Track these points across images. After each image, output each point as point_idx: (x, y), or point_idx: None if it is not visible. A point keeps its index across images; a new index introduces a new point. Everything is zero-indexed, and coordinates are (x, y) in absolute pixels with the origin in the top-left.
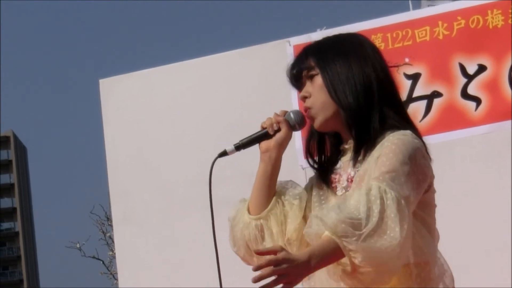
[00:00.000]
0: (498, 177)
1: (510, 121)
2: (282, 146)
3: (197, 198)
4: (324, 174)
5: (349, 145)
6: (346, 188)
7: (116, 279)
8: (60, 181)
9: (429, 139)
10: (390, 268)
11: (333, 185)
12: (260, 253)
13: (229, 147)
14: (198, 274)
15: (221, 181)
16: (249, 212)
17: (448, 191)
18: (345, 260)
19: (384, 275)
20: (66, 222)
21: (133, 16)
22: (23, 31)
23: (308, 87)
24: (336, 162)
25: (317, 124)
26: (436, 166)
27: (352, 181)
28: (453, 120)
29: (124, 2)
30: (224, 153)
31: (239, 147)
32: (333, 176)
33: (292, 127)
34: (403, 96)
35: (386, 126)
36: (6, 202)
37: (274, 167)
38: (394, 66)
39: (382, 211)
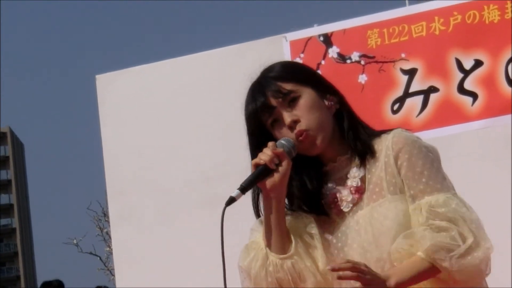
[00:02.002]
0: (496, 172)
1: (509, 115)
2: (286, 178)
3: (195, 195)
4: (315, 205)
5: (338, 162)
6: (352, 202)
7: (113, 275)
8: (57, 177)
9: (425, 134)
10: (483, 273)
11: (333, 205)
12: (335, 269)
13: (235, 192)
14: (195, 271)
15: (220, 178)
16: (271, 251)
17: None
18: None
19: (476, 279)
20: (63, 218)
21: (129, 12)
22: (19, 28)
23: (292, 111)
24: (322, 186)
25: (318, 144)
26: None
27: (356, 191)
28: (449, 115)
29: None
30: (232, 200)
31: (244, 189)
32: (329, 199)
33: (289, 156)
34: (400, 91)
35: (368, 129)
36: (3, 199)
37: (282, 201)
38: (390, 62)
39: (472, 229)
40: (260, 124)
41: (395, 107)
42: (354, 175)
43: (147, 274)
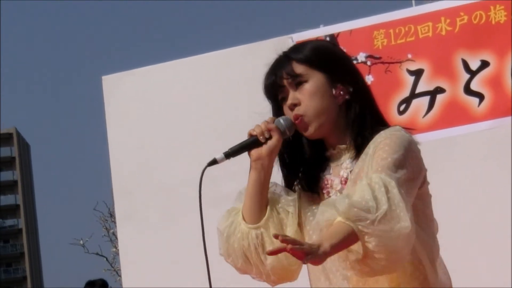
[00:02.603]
0: (502, 173)
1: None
2: (274, 153)
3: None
4: (312, 182)
5: (337, 150)
6: (340, 191)
7: (120, 276)
8: (63, 178)
9: (432, 135)
10: (401, 256)
11: (324, 190)
12: (272, 252)
13: (219, 155)
14: (202, 271)
15: (226, 177)
16: (245, 221)
17: (450, 187)
18: (357, 247)
19: (395, 263)
20: (69, 219)
21: (135, 13)
22: (25, 29)
23: (296, 94)
24: (324, 168)
25: (311, 131)
26: (439, 162)
27: (345, 182)
28: (456, 116)
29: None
30: (214, 162)
31: (229, 155)
32: (323, 182)
33: (282, 134)
34: (406, 92)
35: (375, 126)
36: (9, 199)
37: (266, 174)
38: (397, 62)
39: (389, 199)
40: (273, 97)
41: (402, 107)
42: (347, 166)
43: (154, 274)
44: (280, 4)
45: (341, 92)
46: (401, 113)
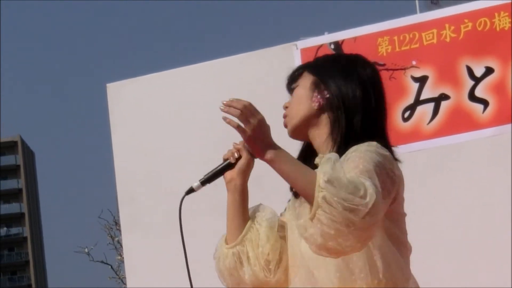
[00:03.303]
0: (507, 180)
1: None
2: (245, 173)
3: (205, 201)
4: None
5: (319, 158)
6: None
7: (125, 284)
8: (68, 186)
9: (436, 142)
10: (357, 228)
11: None
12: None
13: (195, 183)
14: (207, 278)
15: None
16: (226, 243)
17: (454, 193)
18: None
19: (348, 236)
20: (74, 227)
21: (139, 21)
22: (28, 36)
23: (291, 98)
24: None
25: (288, 132)
26: (444, 169)
27: None
28: (460, 122)
29: (130, 5)
30: (191, 190)
31: (204, 182)
32: None
33: (252, 153)
34: (411, 99)
35: (355, 139)
36: (14, 207)
37: (241, 194)
38: (401, 69)
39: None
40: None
41: (406, 114)
42: None
43: (159, 282)
44: (285, 11)
45: (318, 96)
46: (405, 120)
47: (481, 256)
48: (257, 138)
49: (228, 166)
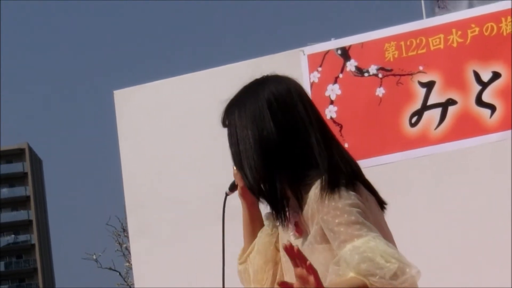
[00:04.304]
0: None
1: None
2: (244, 194)
3: (212, 208)
4: (282, 212)
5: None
6: (293, 231)
7: None
8: (76, 193)
9: (444, 147)
10: None
11: (287, 223)
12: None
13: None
14: (215, 285)
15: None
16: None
17: (461, 198)
18: None
19: None
20: (82, 234)
21: (146, 28)
22: (34, 42)
23: None
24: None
25: None
26: (451, 174)
27: (296, 224)
28: (468, 127)
29: (137, 11)
30: (228, 192)
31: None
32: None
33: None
34: (418, 104)
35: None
36: (22, 215)
37: (247, 211)
38: (408, 75)
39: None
40: None
41: (413, 120)
42: (291, 213)
43: (167, 286)
44: (292, 17)
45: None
46: (412, 125)
47: (479, 255)
48: None
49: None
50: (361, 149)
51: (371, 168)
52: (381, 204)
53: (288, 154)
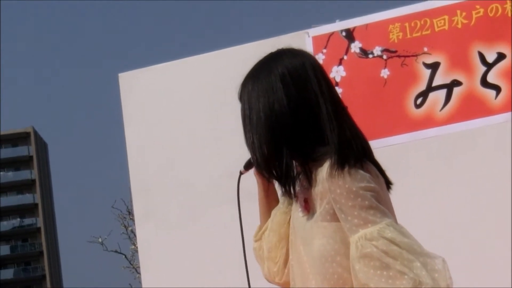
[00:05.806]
0: None
1: None
2: (259, 175)
3: (219, 191)
4: (291, 189)
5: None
6: (302, 207)
7: (139, 273)
8: (81, 176)
9: (449, 128)
10: None
11: (296, 199)
12: None
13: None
14: (221, 268)
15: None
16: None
17: (468, 179)
18: None
19: None
20: (87, 217)
21: (152, 10)
22: (39, 27)
23: None
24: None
25: None
26: (457, 155)
27: (305, 201)
28: (473, 108)
29: None
30: (243, 171)
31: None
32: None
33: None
34: (423, 85)
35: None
36: (27, 198)
37: (262, 189)
38: (413, 56)
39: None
40: None
41: (418, 101)
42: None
43: (173, 271)
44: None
45: None
46: (418, 106)
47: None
48: None
49: (249, 164)
50: (366, 130)
51: (376, 149)
52: (388, 184)
53: (298, 129)
